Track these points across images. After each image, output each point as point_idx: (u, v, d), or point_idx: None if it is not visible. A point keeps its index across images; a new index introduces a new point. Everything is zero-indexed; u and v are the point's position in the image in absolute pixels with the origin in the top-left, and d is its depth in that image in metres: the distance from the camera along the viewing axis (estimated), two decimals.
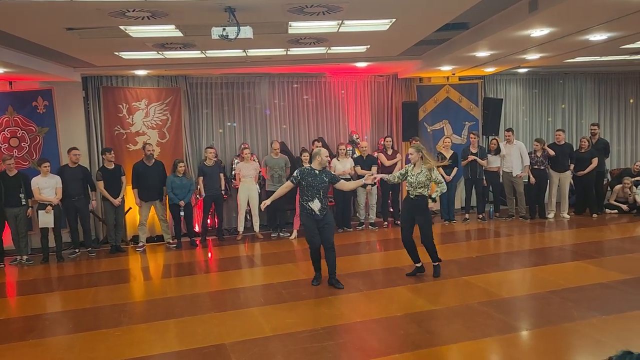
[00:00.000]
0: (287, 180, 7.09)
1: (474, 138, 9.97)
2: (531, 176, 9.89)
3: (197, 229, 9.77)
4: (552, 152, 9.83)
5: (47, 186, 8.21)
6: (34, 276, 7.56)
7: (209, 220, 9.57)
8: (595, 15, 5.96)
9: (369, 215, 9.95)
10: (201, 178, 9.17)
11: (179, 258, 8.34)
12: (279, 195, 6.41)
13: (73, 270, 7.80)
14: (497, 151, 9.99)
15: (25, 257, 8.27)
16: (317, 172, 6.08)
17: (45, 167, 8.22)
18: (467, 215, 10.20)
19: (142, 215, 8.93)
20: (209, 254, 8.62)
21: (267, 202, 6.29)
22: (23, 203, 8.14)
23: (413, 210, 6.33)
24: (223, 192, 9.41)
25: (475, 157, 9.79)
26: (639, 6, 5.50)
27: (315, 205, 6.00)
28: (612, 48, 8.33)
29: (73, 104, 9.44)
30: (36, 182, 8.18)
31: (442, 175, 9.62)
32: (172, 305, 5.80)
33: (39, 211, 8.17)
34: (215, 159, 9.42)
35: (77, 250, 8.47)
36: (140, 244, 8.94)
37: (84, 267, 7.97)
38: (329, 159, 6.60)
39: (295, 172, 6.27)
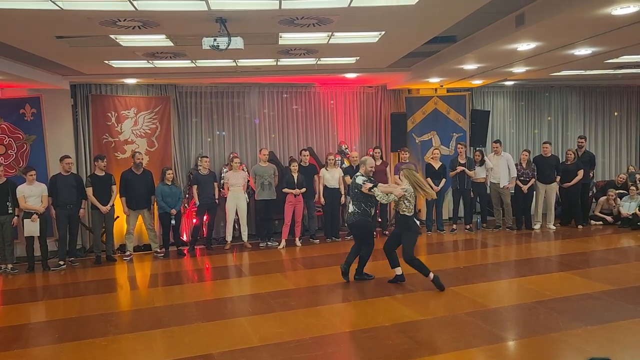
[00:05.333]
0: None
1: (462, 149, 10.07)
2: (522, 186, 9.97)
3: (184, 238, 9.74)
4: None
5: (32, 194, 8.12)
6: (19, 285, 7.47)
7: (204, 229, 9.53)
8: (581, 31, 6.09)
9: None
10: (195, 187, 9.17)
11: (166, 267, 8.29)
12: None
13: (59, 280, 7.72)
14: (482, 162, 10.10)
15: (10, 265, 8.16)
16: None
17: (31, 175, 8.13)
18: (454, 226, 10.26)
19: (130, 224, 8.87)
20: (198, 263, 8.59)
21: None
22: (10, 211, 8.05)
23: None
24: (217, 201, 9.41)
25: (464, 168, 9.88)
26: (622, 22, 5.62)
27: (348, 208, 6.87)
28: (597, 62, 8.50)
29: (61, 111, 9.37)
30: (21, 191, 8.08)
31: (431, 185, 9.75)
32: (159, 315, 5.76)
33: (25, 220, 8.08)
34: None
35: (62, 263, 8.32)
36: (128, 253, 8.88)
37: (70, 276, 7.89)
38: (373, 169, 6.85)
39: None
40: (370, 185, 6.51)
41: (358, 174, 6.84)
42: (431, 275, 6.30)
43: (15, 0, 4.68)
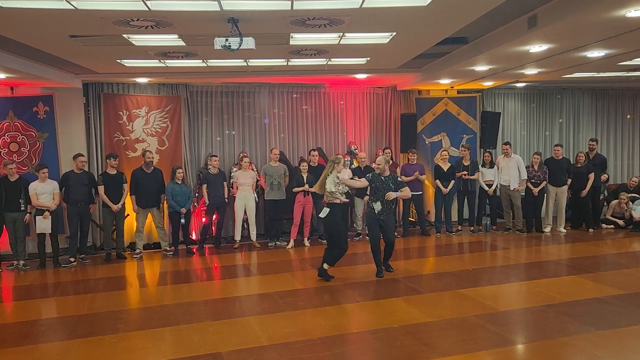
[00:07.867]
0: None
1: (465, 151, 10.02)
2: (533, 188, 9.91)
3: (194, 236, 9.78)
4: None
5: (44, 192, 8.20)
6: (30, 281, 7.55)
7: (213, 228, 9.58)
8: (594, 33, 6.05)
9: (366, 226, 9.94)
10: (205, 186, 9.22)
11: (175, 266, 8.34)
12: (356, 186, 7.45)
13: (69, 277, 7.78)
14: (492, 165, 10.05)
15: (22, 262, 8.25)
16: (383, 177, 6.93)
17: (44, 173, 8.21)
18: (459, 227, 10.22)
19: (140, 222, 8.93)
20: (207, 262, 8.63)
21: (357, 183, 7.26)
22: (22, 208, 8.14)
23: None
24: (226, 200, 9.45)
25: (466, 172, 9.83)
26: (636, 25, 5.58)
27: (377, 206, 6.87)
28: (610, 64, 8.42)
29: (73, 110, 9.46)
30: (34, 188, 8.17)
31: (439, 187, 9.75)
32: (168, 313, 5.79)
33: (37, 217, 8.16)
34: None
35: (72, 260, 8.42)
36: (137, 250, 8.94)
37: (81, 274, 7.96)
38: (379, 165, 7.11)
39: (369, 174, 7.18)
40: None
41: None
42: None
43: (30, 0, 4.73)
